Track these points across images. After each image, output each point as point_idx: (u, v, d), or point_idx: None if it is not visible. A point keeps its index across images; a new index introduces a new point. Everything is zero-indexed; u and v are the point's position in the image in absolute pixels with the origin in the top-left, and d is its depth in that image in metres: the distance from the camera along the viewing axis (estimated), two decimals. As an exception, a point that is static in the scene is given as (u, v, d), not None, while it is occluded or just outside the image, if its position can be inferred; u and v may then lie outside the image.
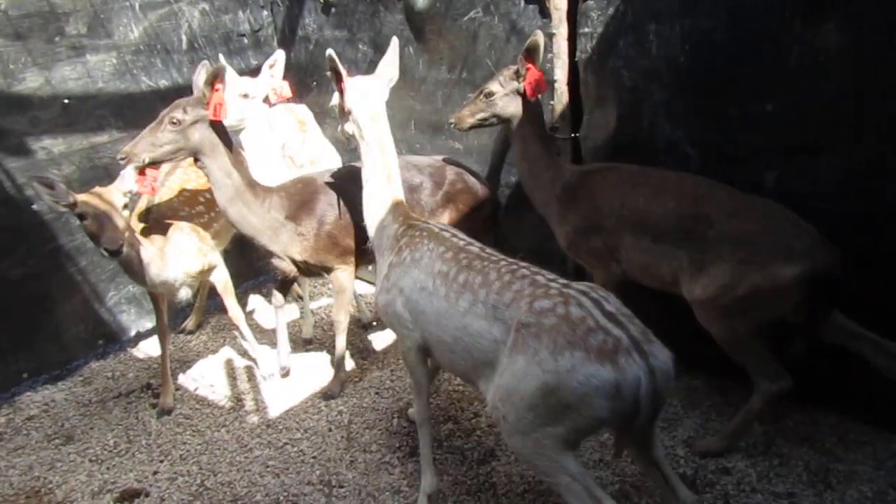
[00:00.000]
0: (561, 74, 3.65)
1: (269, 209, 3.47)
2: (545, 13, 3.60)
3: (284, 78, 4.08)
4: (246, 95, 3.82)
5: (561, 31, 3.56)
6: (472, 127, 3.50)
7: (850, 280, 2.72)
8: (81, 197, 3.28)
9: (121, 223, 3.31)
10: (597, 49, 3.49)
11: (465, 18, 3.95)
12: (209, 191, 3.69)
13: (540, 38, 3.18)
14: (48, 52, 4.01)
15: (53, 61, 4.03)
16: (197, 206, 3.98)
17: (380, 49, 4.45)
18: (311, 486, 3.25)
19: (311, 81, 4.95)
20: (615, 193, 3.21)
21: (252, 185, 3.44)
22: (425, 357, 2.89)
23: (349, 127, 3.08)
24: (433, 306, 2.64)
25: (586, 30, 3.50)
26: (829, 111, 2.87)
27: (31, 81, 3.96)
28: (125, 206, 3.37)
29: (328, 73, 2.96)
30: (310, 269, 3.77)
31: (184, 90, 3.40)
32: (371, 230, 3.10)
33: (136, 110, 3.17)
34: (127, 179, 3.44)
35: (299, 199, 3.56)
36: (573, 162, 3.77)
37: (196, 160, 3.35)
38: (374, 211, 3.07)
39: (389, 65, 3.12)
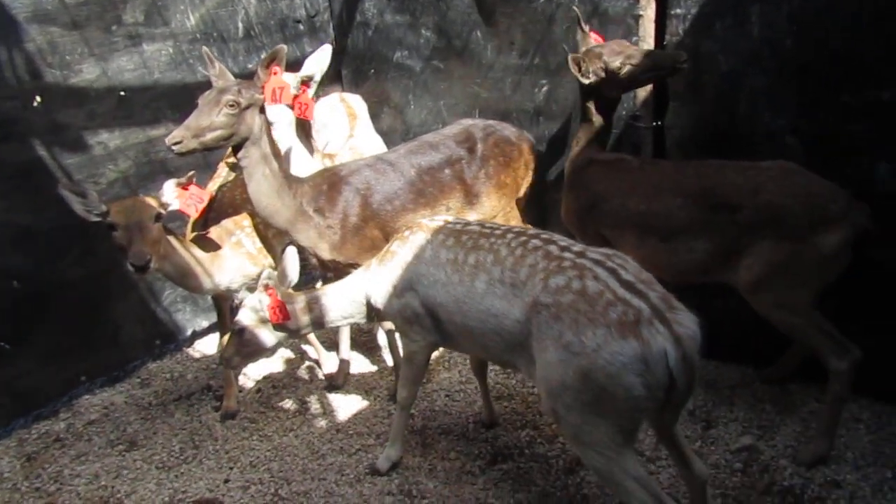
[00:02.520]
0: (646, 59, 3.44)
1: (300, 201, 3.29)
2: (632, -7, 3.40)
3: (341, 67, 3.87)
4: None
5: (648, 12, 3.36)
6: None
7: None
8: (114, 206, 3.09)
9: (152, 237, 3.09)
10: (690, 32, 3.28)
11: (542, 0, 3.74)
12: None
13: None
14: (105, 41, 3.83)
15: (110, 51, 3.86)
16: None
17: (445, 34, 4.27)
18: (391, 497, 3.09)
19: (368, 69, 4.74)
20: (615, 193, 3.16)
21: (287, 175, 3.27)
22: (431, 354, 3.03)
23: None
24: (451, 295, 2.62)
25: (678, 11, 3.29)
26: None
27: (87, 73, 3.79)
28: (157, 218, 3.14)
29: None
30: (339, 270, 3.52)
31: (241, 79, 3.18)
32: None
33: (192, 102, 2.97)
34: (167, 193, 3.27)
35: (325, 190, 3.37)
36: (655, 153, 3.58)
37: (235, 151, 3.11)
38: None
39: None
